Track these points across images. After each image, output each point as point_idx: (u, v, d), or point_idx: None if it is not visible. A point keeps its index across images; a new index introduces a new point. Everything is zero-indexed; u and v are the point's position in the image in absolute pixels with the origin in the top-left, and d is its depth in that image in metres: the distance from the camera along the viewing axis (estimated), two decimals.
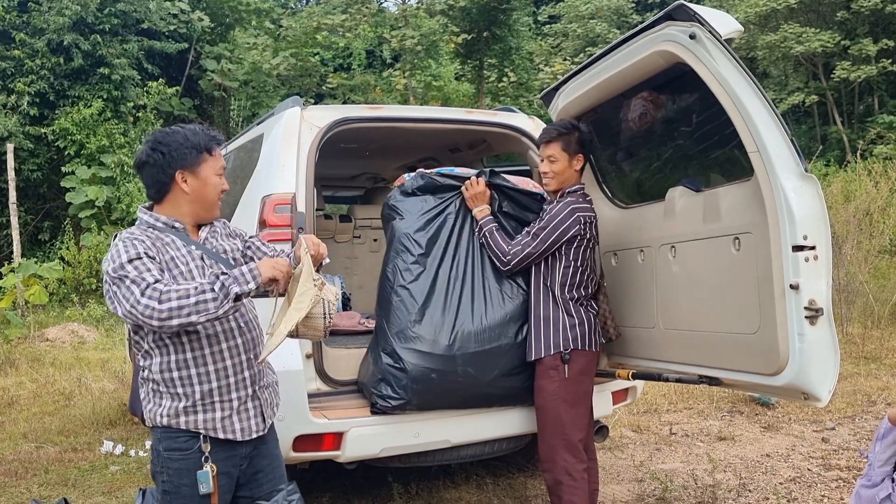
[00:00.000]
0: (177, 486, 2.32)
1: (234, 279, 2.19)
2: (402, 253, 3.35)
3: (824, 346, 2.47)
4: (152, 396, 2.35)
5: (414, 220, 3.40)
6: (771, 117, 2.52)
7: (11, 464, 5.13)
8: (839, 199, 9.87)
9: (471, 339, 3.25)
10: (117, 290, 2.19)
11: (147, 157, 2.34)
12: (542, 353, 3.26)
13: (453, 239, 3.39)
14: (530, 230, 3.28)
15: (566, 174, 3.32)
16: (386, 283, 3.35)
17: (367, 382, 3.28)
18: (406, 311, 3.24)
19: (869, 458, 2.67)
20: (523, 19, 20.38)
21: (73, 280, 13.59)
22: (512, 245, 3.29)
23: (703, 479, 4.40)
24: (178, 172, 2.34)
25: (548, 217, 3.24)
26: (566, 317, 3.27)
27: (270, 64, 17.89)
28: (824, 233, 2.47)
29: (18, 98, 14.76)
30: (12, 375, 8.44)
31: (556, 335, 3.25)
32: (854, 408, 5.78)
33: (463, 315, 3.27)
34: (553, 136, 3.32)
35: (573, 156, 3.31)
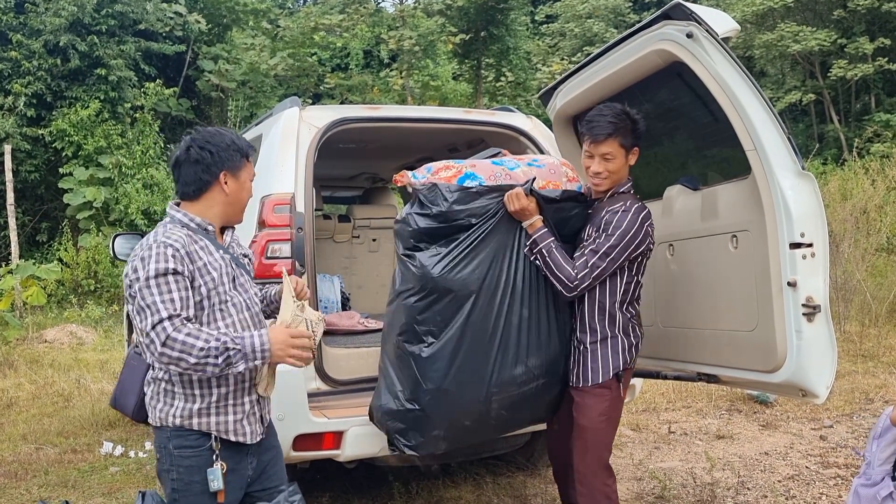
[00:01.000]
0: (187, 484, 2.35)
1: (244, 356, 2.24)
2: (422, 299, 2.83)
3: (822, 343, 2.48)
4: (163, 397, 2.37)
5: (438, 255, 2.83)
6: (768, 115, 2.53)
7: (11, 465, 5.13)
8: (836, 197, 9.89)
9: (512, 384, 2.89)
10: (135, 298, 2.25)
11: (196, 154, 2.37)
12: (598, 378, 2.92)
13: (496, 265, 2.85)
14: (596, 248, 2.80)
15: (622, 173, 2.93)
16: (412, 326, 2.83)
17: (389, 424, 2.95)
18: (437, 362, 2.80)
19: (866, 457, 2.68)
20: (521, 19, 20.38)
21: (71, 281, 13.58)
22: (576, 267, 2.81)
23: (701, 477, 4.41)
24: (223, 173, 2.39)
25: (619, 232, 2.78)
26: (624, 338, 2.94)
27: (268, 64, 17.87)
28: (821, 230, 2.48)
29: (15, 99, 14.73)
30: (11, 377, 8.43)
31: (615, 358, 2.93)
32: (852, 406, 5.80)
33: (503, 356, 2.86)
34: (610, 132, 2.85)
35: (629, 151, 2.91)
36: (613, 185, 2.95)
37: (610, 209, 2.87)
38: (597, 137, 2.87)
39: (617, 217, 2.81)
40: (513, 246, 2.87)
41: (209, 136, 2.41)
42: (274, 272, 3.06)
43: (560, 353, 2.97)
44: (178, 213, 2.40)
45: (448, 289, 2.78)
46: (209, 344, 2.20)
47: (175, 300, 2.22)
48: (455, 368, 2.80)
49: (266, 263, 3.15)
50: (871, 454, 2.63)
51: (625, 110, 2.88)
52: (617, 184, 2.95)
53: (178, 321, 2.21)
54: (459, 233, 2.80)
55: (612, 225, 2.81)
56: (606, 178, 2.91)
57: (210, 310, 2.34)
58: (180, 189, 2.43)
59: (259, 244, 3.16)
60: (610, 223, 2.81)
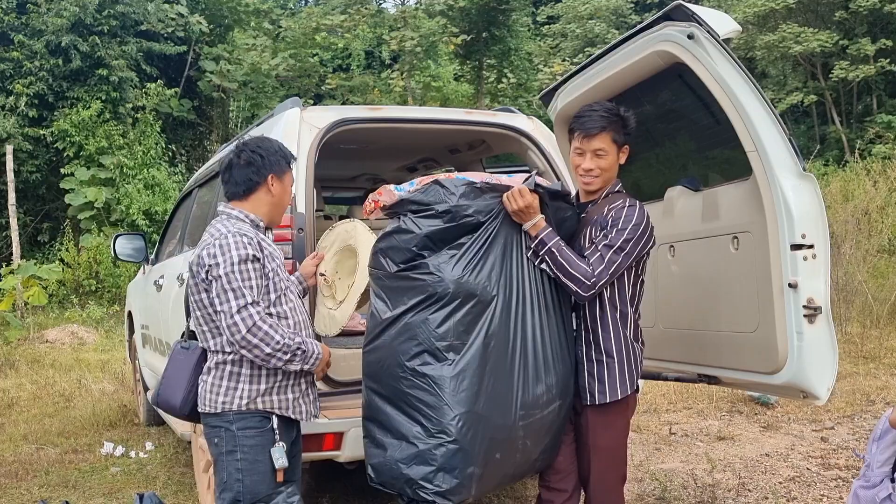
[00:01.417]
0: (252, 463, 2.52)
1: (303, 359, 2.56)
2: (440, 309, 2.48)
3: (823, 345, 2.48)
4: (227, 381, 2.54)
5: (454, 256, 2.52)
6: (769, 116, 2.53)
7: (12, 465, 5.14)
8: (838, 198, 9.90)
9: (535, 405, 2.58)
10: (217, 281, 2.46)
11: (248, 157, 2.63)
12: (625, 391, 2.70)
13: (507, 268, 2.58)
14: (610, 243, 2.60)
15: (613, 171, 2.78)
16: (430, 343, 2.48)
17: (410, 471, 2.47)
18: (465, 380, 2.44)
19: (865, 459, 2.68)
20: (522, 20, 20.39)
21: (72, 281, 13.60)
22: (592, 263, 2.59)
23: (702, 478, 4.40)
24: (270, 175, 2.64)
25: (631, 226, 2.62)
26: (637, 344, 2.77)
27: (269, 65, 17.89)
28: (823, 232, 2.47)
29: (17, 99, 14.76)
30: (12, 377, 8.45)
31: (637, 366, 2.75)
32: (853, 407, 5.79)
33: (525, 371, 2.56)
34: (602, 126, 2.71)
35: (621, 147, 2.77)
36: (605, 185, 2.79)
37: (612, 207, 2.71)
38: (589, 131, 2.72)
39: (625, 212, 2.65)
40: (517, 249, 2.63)
41: (259, 141, 2.68)
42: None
43: (570, 369, 2.69)
44: (234, 210, 2.64)
45: (471, 293, 2.48)
46: (284, 340, 2.48)
47: (254, 287, 2.48)
48: (484, 387, 2.47)
49: None
50: (870, 456, 2.63)
51: (616, 107, 2.78)
52: (608, 183, 2.80)
53: (261, 309, 2.47)
54: (470, 233, 2.54)
55: (621, 219, 2.63)
56: (598, 177, 2.75)
57: (277, 294, 2.58)
58: (230, 189, 2.67)
59: None
60: (618, 218, 2.64)
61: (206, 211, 4.44)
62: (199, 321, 2.58)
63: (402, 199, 2.59)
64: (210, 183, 4.63)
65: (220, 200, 2.89)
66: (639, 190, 3.53)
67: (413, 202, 2.58)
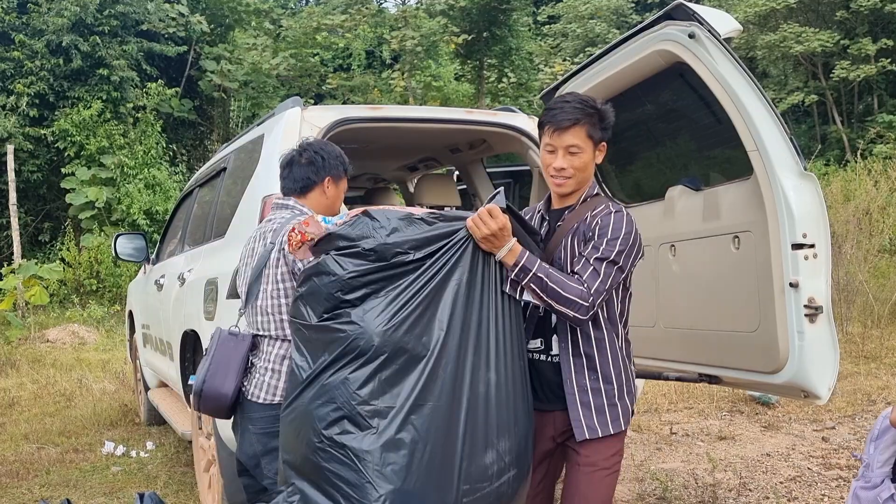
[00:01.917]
0: None
1: None
2: (363, 367, 2.07)
3: (824, 344, 2.48)
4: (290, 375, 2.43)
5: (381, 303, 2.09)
6: (770, 116, 2.53)
7: (13, 465, 5.14)
8: (839, 198, 9.89)
9: (483, 477, 2.13)
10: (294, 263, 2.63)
11: (310, 157, 2.70)
12: (622, 424, 2.37)
13: (456, 315, 2.14)
14: (602, 255, 2.25)
15: (588, 171, 2.42)
16: (350, 408, 2.05)
17: None
18: (393, 451, 2.02)
19: (863, 459, 2.67)
20: (523, 20, 20.38)
21: (73, 281, 13.62)
22: (585, 280, 2.23)
23: (703, 478, 4.40)
24: (328, 178, 2.71)
25: (622, 235, 2.29)
26: (631, 365, 2.47)
27: (270, 64, 17.89)
28: (823, 231, 2.47)
29: (18, 99, 14.78)
30: (13, 376, 8.46)
31: (632, 392, 2.43)
32: (854, 407, 5.79)
33: (472, 437, 2.12)
34: (576, 119, 2.34)
35: (598, 145, 2.41)
36: (580, 187, 2.43)
37: (595, 213, 2.37)
38: (560, 124, 2.35)
39: (613, 219, 2.32)
40: (472, 289, 2.17)
41: (322, 144, 2.77)
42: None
43: (529, 430, 2.28)
44: (291, 201, 2.70)
45: (400, 347, 2.07)
46: None
47: None
48: (418, 458, 2.02)
49: None
50: (868, 456, 2.62)
51: (592, 98, 2.44)
52: (583, 185, 2.44)
53: None
54: (404, 275, 2.11)
55: (610, 228, 2.30)
56: (571, 177, 2.38)
57: None
58: (287, 185, 2.71)
59: None
60: (606, 226, 2.31)
61: (206, 210, 4.45)
62: (279, 308, 2.55)
63: (330, 233, 2.19)
64: (211, 182, 4.64)
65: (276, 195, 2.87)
66: (640, 189, 3.53)
67: (341, 237, 2.16)
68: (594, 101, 2.42)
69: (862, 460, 2.68)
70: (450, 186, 4.83)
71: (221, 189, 4.21)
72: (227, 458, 3.36)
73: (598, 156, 2.44)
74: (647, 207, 3.35)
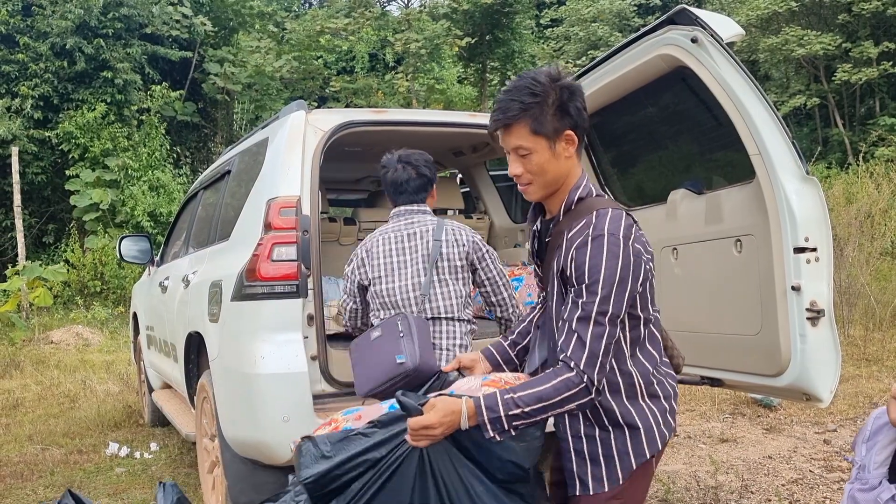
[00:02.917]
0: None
1: None
2: None
3: (826, 347, 2.49)
4: None
5: None
6: (772, 120, 2.54)
7: (17, 466, 5.16)
8: (841, 201, 9.89)
9: None
10: (498, 264, 3.33)
11: (422, 171, 3.20)
12: (622, 479, 1.99)
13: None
14: (583, 314, 1.83)
15: (554, 172, 1.96)
16: None
17: None
18: None
19: (855, 461, 2.66)
20: (526, 23, 20.44)
21: (77, 282, 13.66)
22: (571, 355, 1.82)
23: (705, 480, 4.41)
24: (434, 186, 3.29)
25: (603, 275, 1.83)
26: (652, 399, 2.00)
27: (273, 67, 17.94)
28: (825, 235, 2.49)
29: (22, 101, 14.83)
30: (17, 378, 8.48)
31: (655, 428, 2.00)
32: (856, 409, 5.79)
33: None
34: (512, 115, 1.91)
35: (555, 136, 1.93)
36: (551, 190, 2.00)
37: (571, 236, 1.91)
38: (497, 123, 1.95)
39: (588, 253, 1.84)
40: (428, 483, 2.00)
41: (425, 158, 3.26)
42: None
43: None
44: (416, 206, 3.22)
45: None
46: None
47: None
48: None
49: (272, 266, 3.17)
50: (861, 458, 2.61)
51: (542, 80, 1.92)
52: (554, 186, 1.99)
53: None
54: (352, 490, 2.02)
55: (585, 269, 1.84)
56: (531, 183, 1.98)
57: None
58: (408, 198, 3.20)
59: (265, 247, 3.18)
60: (581, 267, 1.85)
61: (211, 213, 4.47)
62: (458, 293, 3.09)
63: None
64: (215, 185, 4.66)
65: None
66: (642, 192, 3.55)
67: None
68: (542, 81, 1.93)
69: (854, 463, 2.67)
70: (453, 189, 4.85)
71: (226, 192, 4.23)
72: (230, 459, 3.38)
73: (564, 149, 1.95)
74: (650, 211, 3.37)
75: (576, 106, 1.94)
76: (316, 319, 3.19)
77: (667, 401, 2.02)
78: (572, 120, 1.94)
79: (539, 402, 1.80)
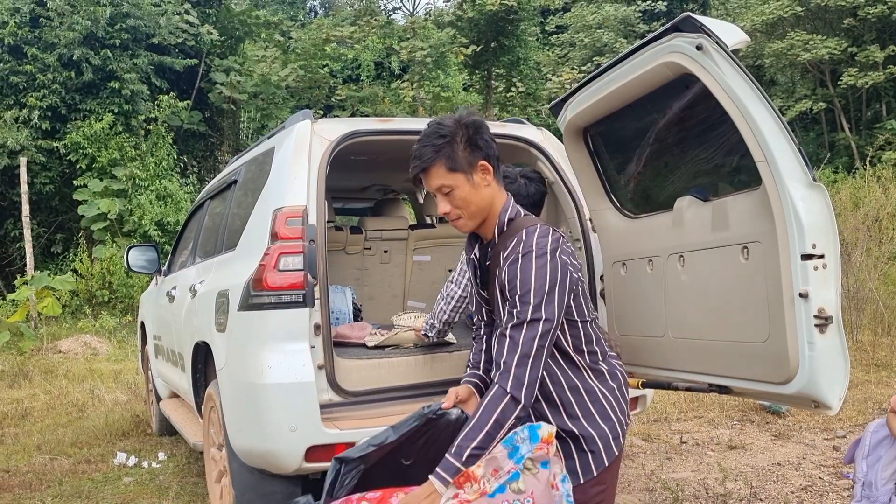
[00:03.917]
0: None
1: None
2: None
3: (834, 355, 2.48)
4: None
5: None
6: (778, 127, 2.54)
7: (26, 476, 5.17)
8: (848, 205, 9.86)
9: None
10: None
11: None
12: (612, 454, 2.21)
13: None
14: (518, 319, 2.01)
15: (480, 201, 2.15)
16: None
17: None
18: None
19: (857, 478, 2.62)
20: (531, 30, 20.48)
21: (85, 292, 13.71)
22: (503, 360, 2.00)
23: (714, 488, 4.39)
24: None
25: (533, 286, 2.02)
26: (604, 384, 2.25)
27: (279, 76, 18.02)
28: (833, 242, 2.48)
29: (30, 112, 14.93)
30: (26, 387, 8.51)
31: (614, 426, 2.23)
32: (865, 416, 5.76)
33: None
34: (428, 159, 2.11)
35: (471, 169, 2.13)
36: (480, 219, 2.18)
37: (504, 256, 2.09)
38: (415, 170, 2.15)
39: (519, 269, 2.03)
40: None
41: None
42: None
43: None
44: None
45: None
46: None
47: None
48: None
49: (278, 275, 3.18)
50: (863, 474, 2.58)
51: (446, 124, 2.15)
52: (481, 215, 2.18)
53: None
54: None
55: (517, 282, 2.03)
56: (460, 217, 2.17)
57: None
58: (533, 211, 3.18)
59: (272, 256, 3.19)
60: (514, 280, 2.03)
61: (218, 222, 4.48)
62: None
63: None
64: (222, 195, 4.68)
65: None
66: (648, 200, 3.55)
67: None
68: (448, 124, 2.15)
69: (855, 480, 2.63)
70: None
71: (232, 201, 4.25)
72: (238, 468, 3.38)
73: (482, 178, 2.14)
74: (656, 218, 3.37)
75: (483, 139, 2.14)
76: (323, 328, 3.20)
77: (613, 380, 2.25)
78: (482, 152, 2.14)
79: (480, 432, 1.95)
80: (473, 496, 1.93)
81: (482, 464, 1.96)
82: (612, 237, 3.51)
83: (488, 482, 1.94)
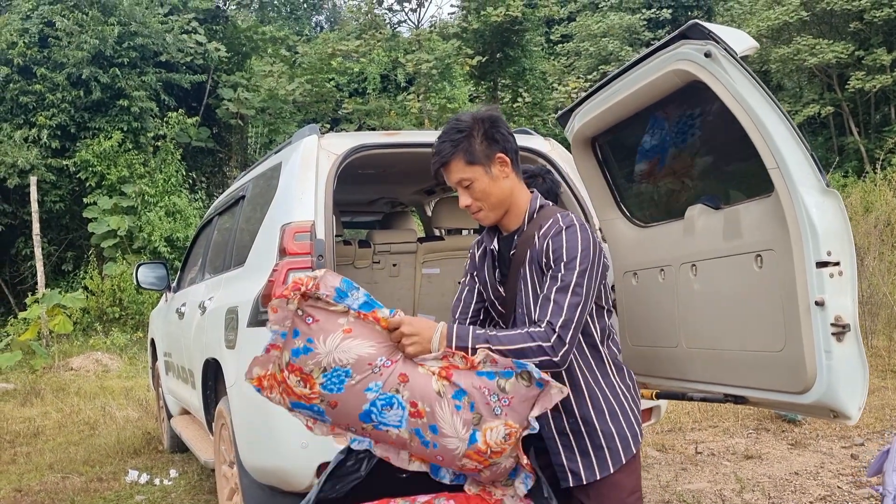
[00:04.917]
0: None
1: None
2: None
3: (852, 363, 2.44)
4: None
5: None
6: (789, 133, 2.51)
7: (38, 494, 5.16)
8: (859, 209, 9.79)
9: None
10: None
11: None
12: (629, 451, 2.23)
13: None
14: (562, 284, 2.06)
15: (501, 193, 2.22)
16: None
17: None
18: None
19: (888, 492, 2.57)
20: (536, 39, 20.53)
21: (96, 309, 13.76)
22: (549, 319, 2.02)
23: (731, 499, 4.33)
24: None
25: (580, 255, 2.09)
26: (624, 384, 2.32)
27: (286, 90, 18.11)
28: (848, 248, 2.44)
29: (40, 131, 15.04)
30: (38, 405, 8.52)
31: (632, 414, 2.29)
32: (882, 423, 5.69)
33: None
34: (447, 154, 2.19)
35: (489, 162, 2.19)
36: (502, 211, 2.26)
37: (545, 233, 2.16)
38: (436, 165, 2.23)
39: (566, 237, 2.11)
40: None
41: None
42: None
43: None
44: None
45: None
46: None
47: None
48: None
49: None
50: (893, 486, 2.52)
51: (463, 120, 2.22)
52: (503, 206, 2.25)
53: None
54: None
55: (563, 249, 2.09)
56: (481, 209, 2.24)
57: None
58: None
59: (280, 272, 3.17)
60: (559, 248, 2.10)
61: (226, 238, 4.48)
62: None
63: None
64: (230, 211, 4.67)
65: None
66: (659, 208, 3.51)
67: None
68: (465, 119, 2.21)
69: (885, 494, 2.58)
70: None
71: (240, 217, 4.24)
72: (249, 485, 3.35)
73: (500, 171, 2.20)
74: (667, 227, 3.33)
75: (500, 132, 2.20)
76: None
77: (630, 378, 2.32)
78: (500, 145, 2.20)
79: (507, 345, 1.98)
80: (463, 365, 1.96)
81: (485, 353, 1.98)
82: (623, 247, 3.48)
83: (483, 364, 1.96)
